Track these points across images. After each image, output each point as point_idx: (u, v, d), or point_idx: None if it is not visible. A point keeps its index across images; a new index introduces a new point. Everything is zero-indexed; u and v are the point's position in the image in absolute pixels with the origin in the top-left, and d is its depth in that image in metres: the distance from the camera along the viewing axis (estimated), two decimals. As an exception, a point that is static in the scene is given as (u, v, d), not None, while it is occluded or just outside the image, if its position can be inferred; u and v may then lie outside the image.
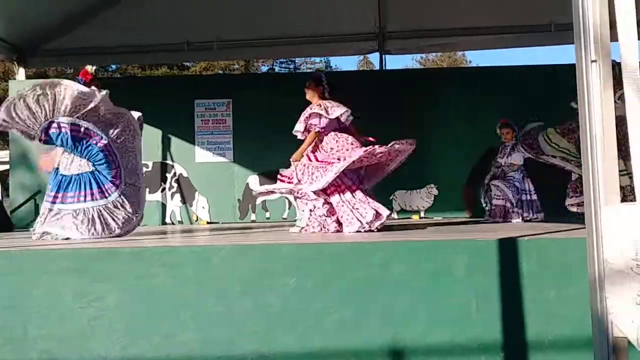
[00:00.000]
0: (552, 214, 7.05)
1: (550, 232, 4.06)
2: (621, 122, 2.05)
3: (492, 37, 9.40)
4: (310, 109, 5.39)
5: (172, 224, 8.95)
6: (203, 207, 8.87)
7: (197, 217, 8.94)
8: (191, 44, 9.34)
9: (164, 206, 9.03)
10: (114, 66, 19.93)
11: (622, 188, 2.26)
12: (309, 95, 5.52)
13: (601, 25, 2.00)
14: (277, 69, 23.30)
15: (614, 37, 1.95)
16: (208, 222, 8.81)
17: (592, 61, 2.02)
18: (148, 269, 3.52)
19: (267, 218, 8.92)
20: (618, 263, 1.89)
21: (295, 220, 5.81)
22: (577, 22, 2.06)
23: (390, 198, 8.77)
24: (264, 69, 23.29)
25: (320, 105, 5.35)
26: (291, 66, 23.36)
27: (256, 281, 3.50)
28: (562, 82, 8.47)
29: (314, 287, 3.48)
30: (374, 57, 19.19)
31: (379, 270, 3.49)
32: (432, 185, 8.72)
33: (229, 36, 9.28)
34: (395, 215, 8.73)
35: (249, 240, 4.43)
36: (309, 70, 23.31)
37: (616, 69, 2.04)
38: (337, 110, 5.33)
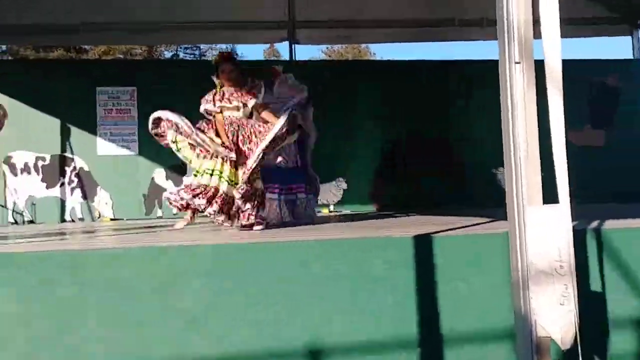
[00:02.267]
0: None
1: (463, 227, 4.14)
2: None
3: (398, 31, 9.52)
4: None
5: (73, 221, 8.44)
6: (106, 203, 8.41)
7: (99, 213, 8.48)
8: (87, 25, 8.73)
9: (63, 202, 8.48)
10: (3, 47, 18.46)
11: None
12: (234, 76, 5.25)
13: (525, 27, 2.02)
14: (181, 54, 22.59)
15: (536, 34, 1.98)
16: (111, 219, 8.38)
17: (516, 63, 2.04)
18: (49, 274, 3.25)
19: (175, 214, 8.58)
20: (542, 264, 1.92)
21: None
22: (500, 23, 2.07)
23: (297, 191, 8.71)
24: (168, 54, 22.52)
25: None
26: (196, 52, 22.74)
27: (169, 284, 3.33)
28: (461, 77, 8.97)
29: (230, 289, 3.35)
30: (281, 46, 19.07)
31: (296, 270, 3.42)
32: (341, 179, 8.76)
33: (131, 18, 8.80)
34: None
35: (158, 239, 4.21)
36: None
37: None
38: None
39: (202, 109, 5.20)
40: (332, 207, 8.72)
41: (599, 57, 9.64)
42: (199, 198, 4.87)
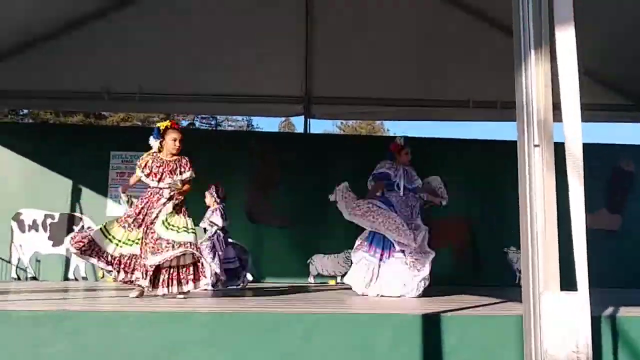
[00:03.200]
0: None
1: (474, 307, 4.03)
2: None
3: (411, 109, 9.65)
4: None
5: (76, 280, 8.35)
6: (110, 263, 8.35)
7: (103, 273, 8.39)
8: (111, 94, 9.00)
9: (68, 260, 8.43)
10: (25, 110, 18.94)
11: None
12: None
13: (545, 110, 2.01)
14: (197, 124, 23.01)
15: (556, 118, 1.97)
16: (114, 280, 8.26)
17: (535, 145, 2.02)
18: (44, 336, 3.16)
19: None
20: (559, 354, 1.83)
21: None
22: (520, 108, 2.07)
23: (308, 262, 8.65)
24: (184, 123, 22.97)
25: None
26: (212, 122, 23.18)
27: (168, 352, 3.22)
28: (473, 155, 9.01)
29: (229, 360, 3.24)
30: (296, 120, 19.37)
31: (299, 343, 3.31)
32: (350, 251, 8.64)
33: (151, 88, 9.02)
34: (312, 280, 8.58)
35: (160, 305, 4.12)
36: (229, 128, 23.18)
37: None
38: None
39: (143, 178, 5.25)
40: (339, 279, 8.59)
41: (614, 142, 9.69)
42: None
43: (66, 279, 8.37)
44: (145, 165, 5.22)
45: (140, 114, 20.64)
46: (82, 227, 8.44)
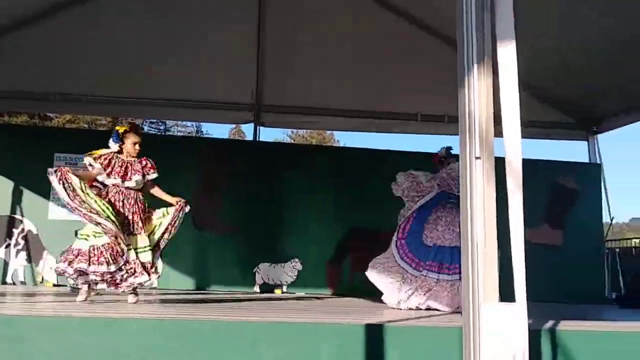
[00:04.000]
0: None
1: (418, 318, 4.06)
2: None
3: (362, 121, 9.75)
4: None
5: (14, 284, 8.04)
6: (51, 268, 8.01)
7: (42, 278, 8.11)
8: (59, 95, 8.73)
9: (6, 264, 8.10)
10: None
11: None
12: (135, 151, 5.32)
13: (486, 123, 2.05)
14: (146, 128, 22.63)
15: (496, 133, 2.01)
16: (54, 285, 8.00)
17: (477, 158, 2.05)
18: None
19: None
20: (496, 365, 1.85)
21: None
22: (462, 121, 2.10)
23: (254, 271, 8.56)
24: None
25: None
26: (161, 127, 22.83)
27: (109, 358, 3.13)
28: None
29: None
30: (246, 127, 19.27)
31: (242, 352, 3.27)
32: (297, 260, 8.63)
33: (99, 90, 8.83)
34: (257, 289, 8.50)
35: (101, 311, 4.00)
36: (179, 134, 22.87)
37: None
38: None
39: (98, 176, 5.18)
40: (285, 288, 8.54)
41: (556, 159, 9.98)
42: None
43: (4, 283, 8.05)
44: (101, 157, 5.13)
45: (87, 117, 20.14)
46: (22, 230, 8.16)
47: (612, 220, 9.98)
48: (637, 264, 10.16)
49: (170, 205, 5.34)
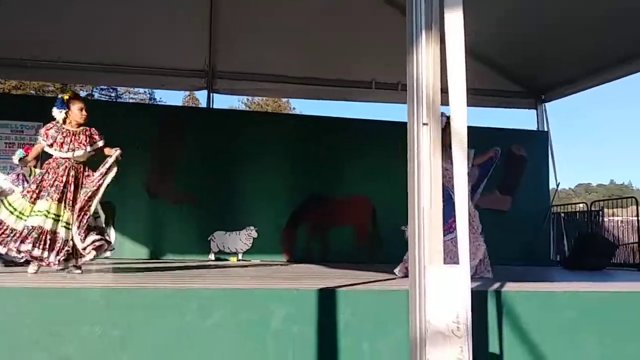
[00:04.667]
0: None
1: (369, 282, 4.14)
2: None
3: (317, 88, 9.73)
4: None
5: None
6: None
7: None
8: (2, 59, 8.42)
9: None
10: None
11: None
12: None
13: (433, 91, 2.08)
14: (96, 95, 21.96)
15: (444, 101, 2.04)
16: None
17: (424, 124, 2.09)
18: None
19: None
20: (440, 325, 1.92)
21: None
22: (410, 87, 2.13)
23: (209, 239, 8.54)
24: (83, 94, 21.83)
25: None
26: (112, 94, 22.20)
27: (53, 329, 3.09)
28: (375, 136, 9.19)
29: (122, 337, 3.16)
30: (201, 94, 18.97)
31: (194, 319, 3.27)
32: (252, 228, 8.65)
33: (46, 55, 8.53)
34: (212, 257, 8.50)
35: (43, 281, 3.94)
36: (131, 100, 22.33)
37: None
38: None
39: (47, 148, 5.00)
40: (240, 256, 8.56)
41: (507, 127, 10.21)
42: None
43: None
44: (48, 135, 4.95)
45: (34, 83, 19.42)
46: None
47: (558, 185, 10.32)
48: (580, 228, 10.54)
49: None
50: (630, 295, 4.07)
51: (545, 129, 10.21)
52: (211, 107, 9.47)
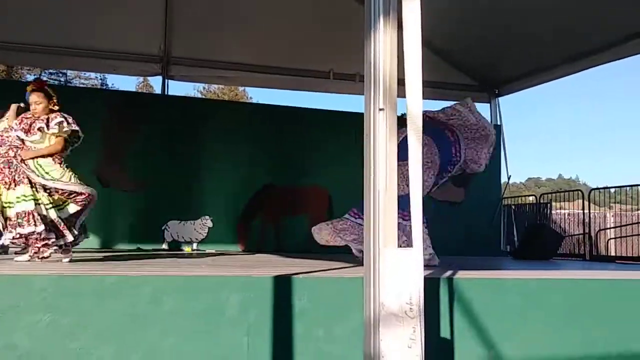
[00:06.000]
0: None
1: (325, 270, 4.16)
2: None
3: (274, 77, 9.68)
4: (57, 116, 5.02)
5: None
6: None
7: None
8: None
9: None
10: None
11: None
12: (40, 101, 5.02)
13: (390, 77, 2.10)
14: (45, 79, 21.33)
15: (401, 93, 2.06)
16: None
17: (380, 109, 2.10)
18: None
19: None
20: (393, 306, 1.94)
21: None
22: (368, 73, 2.14)
23: (163, 228, 8.43)
24: (30, 78, 21.15)
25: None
26: (62, 79, 21.57)
27: (4, 317, 3.01)
28: (332, 126, 9.23)
29: (71, 325, 3.09)
30: (155, 81, 18.65)
31: (146, 307, 3.23)
32: (207, 217, 8.57)
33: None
34: (166, 246, 8.39)
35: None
36: (82, 85, 21.76)
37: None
38: None
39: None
40: (195, 245, 8.48)
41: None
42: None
43: None
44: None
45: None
46: None
47: (509, 178, 10.58)
48: (530, 220, 10.85)
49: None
50: (573, 282, 4.26)
51: (498, 123, 10.43)
52: (166, 93, 9.32)
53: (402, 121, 6.05)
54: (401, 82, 2.25)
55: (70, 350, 3.06)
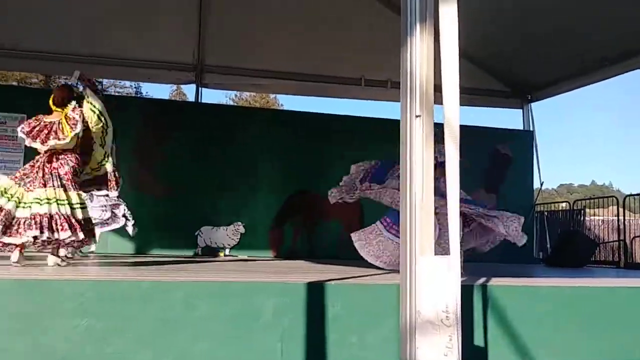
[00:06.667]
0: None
1: (358, 277, 4.16)
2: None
3: (306, 84, 9.73)
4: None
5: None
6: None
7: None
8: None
9: None
10: None
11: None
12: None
13: (427, 83, 2.10)
14: (81, 88, 21.73)
15: (438, 99, 2.06)
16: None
17: (417, 116, 2.11)
18: None
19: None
20: (429, 314, 1.94)
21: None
22: (404, 79, 2.15)
23: (196, 234, 8.51)
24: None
25: None
26: (98, 87, 21.98)
27: (38, 321, 3.08)
28: (363, 132, 9.21)
29: (107, 329, 3.14)
30: (189, 89, 18.82)
31: (180, 311, 3.27)
32: (239, 223, 8.62)
33: (29, 45, 8.44)
34: (199, 252, 8.47)
35: (30, 273, 3.91)
36: (116, 94, 22.13)
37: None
38: None
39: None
40: (227, 251, 8.54)
41: (494, 126, 10.29)
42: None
43: None
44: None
45: (17, 74, 19.18)
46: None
47: (542, 185, 10.43)
48: (563, 227, 10.67)
49: None
50: (607, 290, 4.19)
51: (531, 129, 10.31)
52: (200, 101, 9.44)
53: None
54: (436, 89, 2.25)
55: (105, 355, 3.11)
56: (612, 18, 7.33)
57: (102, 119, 5.21)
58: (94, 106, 5.21)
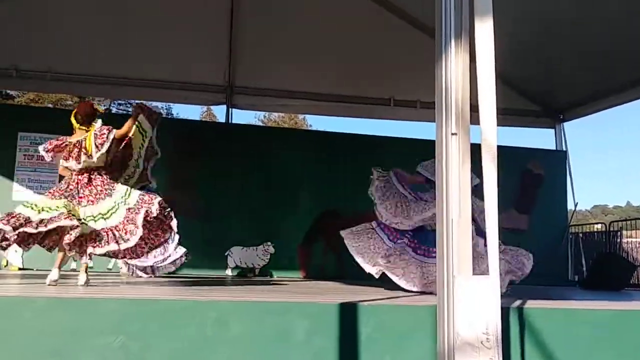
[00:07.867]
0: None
1: (391, 298, 4.11)
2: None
3: (335, 105, 9.76)
4: None
5: (-22, 267, 7.86)
6: (15, 251, 7.84)
7: (7, 261, 7.94)
8: (20, 71, 8.55)
9: (-33, 247, 7.91)
10: None
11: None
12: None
13: (462, 101, 2.08)
14: (114, 109, 22.17)
15: (474, 118, 2.04)
16: (20, 269, 7.85)
17: (453, 134, 2.08)
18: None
19: (91, 267, 8.15)
20: (469, 335, 1.89)
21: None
22: (439, 97, 2.12)
23: (226, 254, 8.53)
24: (101, 108, 22.00)
25: None
26: (129, 108, 22.40)
27: (72, 340, 3.09)
28: (393, 153, 9.17)
29: (141, 349, 3.15)
30: (218, 110, 19.06)
31: (213, 331, 3.26)
32: (269, 243, 8.63)
33: (64, 68, 8.65)
34: (229, 272, 8.48)
35: (66, 292, 3.95)
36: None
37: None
38: None
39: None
40: (257, 272, 8.54)
41: (525, 146, 10.15)
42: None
43: (-33, 266, 7.88)
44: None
45: (52, 96, 19.68)
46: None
47: (576, 206, 10.23)
48: (598, 249, 10.42)
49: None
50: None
51: (564, 149, 10.15)
52: (230, 122, 9.53)
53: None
54: (472, 108, 2.23)
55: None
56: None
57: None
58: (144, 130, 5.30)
